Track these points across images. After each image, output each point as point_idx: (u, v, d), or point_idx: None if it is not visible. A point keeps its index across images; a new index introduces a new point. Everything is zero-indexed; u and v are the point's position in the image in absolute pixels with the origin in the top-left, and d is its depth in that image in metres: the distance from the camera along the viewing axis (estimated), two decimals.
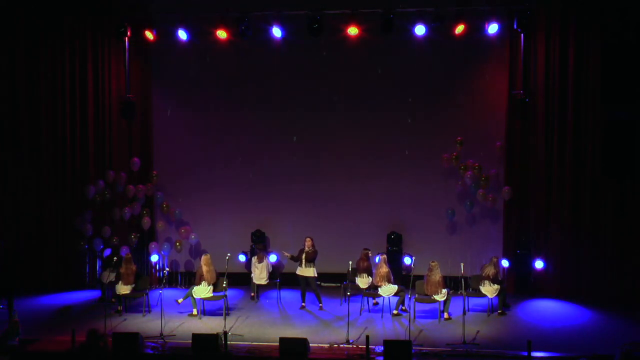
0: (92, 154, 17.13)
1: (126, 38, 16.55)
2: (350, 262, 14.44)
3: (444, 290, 14.32)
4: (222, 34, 16.28)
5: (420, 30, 15.69)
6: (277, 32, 16.12)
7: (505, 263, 15.91)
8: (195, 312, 14.59)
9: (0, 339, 12.50)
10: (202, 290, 14.68)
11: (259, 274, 15.67)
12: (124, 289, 14.90)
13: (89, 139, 17.11)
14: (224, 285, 14.03)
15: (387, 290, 14.57)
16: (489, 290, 14.61)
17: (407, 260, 16.16)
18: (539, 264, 15.91)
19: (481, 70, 16.46)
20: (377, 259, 15.14)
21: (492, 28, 15.62)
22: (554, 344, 12.72)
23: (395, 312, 14.48)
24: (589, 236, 15.70)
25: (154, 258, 16.96)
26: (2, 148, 16.92)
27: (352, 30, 15.91)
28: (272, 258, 16.28)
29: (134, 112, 16.86)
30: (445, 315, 14.24)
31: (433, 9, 15.57)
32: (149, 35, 16.49)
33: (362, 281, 14.92)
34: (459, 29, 15.64)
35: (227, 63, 17.07)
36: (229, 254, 14.44)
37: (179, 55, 16.93)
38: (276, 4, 16.07)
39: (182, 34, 16.35)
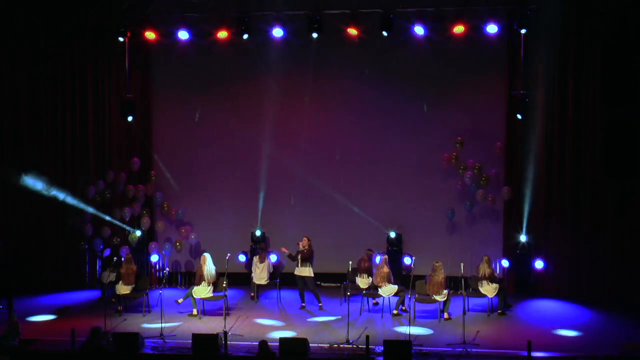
0: (92, 154, 17.14)
1: (126, 38, 16.52)
2: (350, 262, 14.44)
3: (445, 291, 14.32)
4: (222, 34, 16.27)
5: (420, 30, 15.69)
6: (277, 32, 16.12)
7: (505, 263, 15.92)
8: (195, 312, 14.59)
9: (0, 339, 12.49)
10: (202, 290, 14.68)
11: (260, 274, 15.67)
12: (124, 289, 14.90)
13: (89, 139, 17.12)
14: (224, 285, 14.03)
15: (387, 290, 14.57)
16: (488, 289, 14.61)
17: (407, 260, 16.15)
18: (539, 264, 15.89)
19: (481, 70, 16.44)
20: (378, 259, 15.14)
21: (492, 28, 15.60)
22: (554, 344, 12.73)
23: (395, 312, 14.49)
24: (589, 236, 15.69)
25: (154, 258, 16.97)
26: (3, 148, 16.93)
27: (352, 30, 15.90)
28: (273, 258, 16.28)
29: (134, 112, 16.85)
30: (445, 315, 14.24)
31: (433, 9, 15.56)
32: (149, 35, 16.47)
33: (363, 281, 14.91)
34: (459, 29, 15.61)
35: (227, 63, 17.07)
36: (229, 254, 14.46)
37: (179, 55, 16.92)
38: (276, 4, 16.06)
39: (182, 34, 16.34)
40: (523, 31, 15.48)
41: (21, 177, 16.23)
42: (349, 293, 13.91)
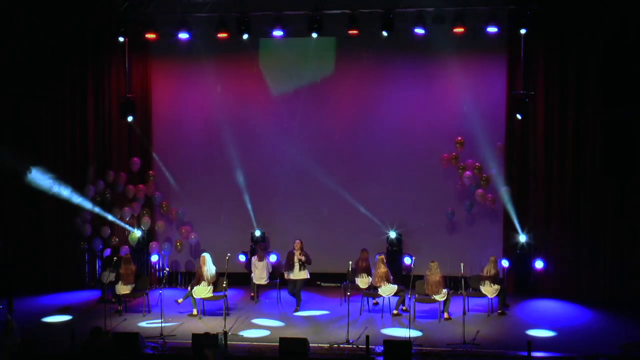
0: (92, 154, 17.14)
1: (126, 38, 16.52)
2: (350, 262, 14.44)
3: (444, 291, 14.32)
4: (222, 34, 16.26)
5: (420, 30, 15.68)
6: (277, 32, 16.11)
7: (505, 263, 15.92)
8: (195, 312, 14.59)
9: None
10: (202, 290, 14.68)
11: (259, 274, 15.65)
12: (124, 289, 14.90)
13: (89, 139, 17.12)
14: (224, 285, 14.02)
15: (387, 290, 14.57)
16: (489, 290, 14.61)
17: (407, 260, 16.15)
18: (539, 264, 15.89)
19: (481, 70, 16.46)
20: (375, 259, 15.14)
21: (492, 28, 15.59)
22: (554, 344, 12.73)
23: (395, 312, 14.48)
24: (589, 236, 15.70)
25: (154, 258, 16.97)
26: (2, 148, 16.92)
27: (352, 30, 15.89)
28: (272, 258, 16.27)
29: (134, 112, 16.85)
30: (445, 315, 14.24)
31: (433, 9, 15.56)
32: (149, 35, 16.46)
33: (362, 281, 14.92)
34: (459, 29, 15.61)
35: (227, 63, 17.07)
36: (229, 254, 14.46)
37: (179, 55, 16.92)
38: (276, 4, 16.07)
39: (183, 34, 16.33)
40: (523, 31, 15.49)
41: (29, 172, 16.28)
42: (349, 293, 13.92)
